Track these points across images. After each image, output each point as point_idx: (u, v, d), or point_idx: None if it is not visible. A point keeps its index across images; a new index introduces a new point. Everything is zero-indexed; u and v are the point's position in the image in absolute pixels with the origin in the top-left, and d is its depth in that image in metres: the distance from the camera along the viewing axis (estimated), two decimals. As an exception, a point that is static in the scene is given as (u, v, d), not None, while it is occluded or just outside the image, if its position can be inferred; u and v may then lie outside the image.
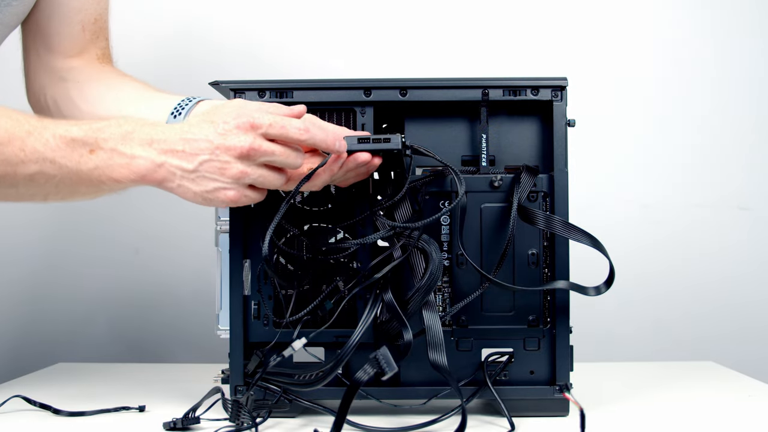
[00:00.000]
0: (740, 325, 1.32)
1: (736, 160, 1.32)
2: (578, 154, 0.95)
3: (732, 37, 1.32)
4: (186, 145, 0.68)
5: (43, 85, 0.93)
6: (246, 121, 0.69)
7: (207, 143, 0.68)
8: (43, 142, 0.67)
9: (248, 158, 0.69)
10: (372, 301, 0.78)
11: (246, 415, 0.77)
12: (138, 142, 0.68)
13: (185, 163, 0.68)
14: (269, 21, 1.33)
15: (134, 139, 0.68)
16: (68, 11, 0.90)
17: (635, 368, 1.10)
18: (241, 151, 0.68)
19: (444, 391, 0.82)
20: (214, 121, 0.70)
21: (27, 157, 0.66)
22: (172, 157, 0.68)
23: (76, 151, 0.67)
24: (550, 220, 0.79)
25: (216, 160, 0.68)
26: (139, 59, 1.02)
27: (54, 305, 1.34)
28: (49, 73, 0.92)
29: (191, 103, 0.85)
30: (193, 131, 0.69)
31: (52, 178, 0.68)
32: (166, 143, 0.68)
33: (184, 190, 0.70)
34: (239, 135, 0.69)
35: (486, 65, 1.30)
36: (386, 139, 0.75)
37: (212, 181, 0.69)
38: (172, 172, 0.68)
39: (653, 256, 1.31)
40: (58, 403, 0.85)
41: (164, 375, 1.06)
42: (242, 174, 0.69)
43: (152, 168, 0.68)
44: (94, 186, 0.69)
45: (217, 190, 0.69)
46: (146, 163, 0.68)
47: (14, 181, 0.68)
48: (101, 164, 0.68)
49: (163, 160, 0.68)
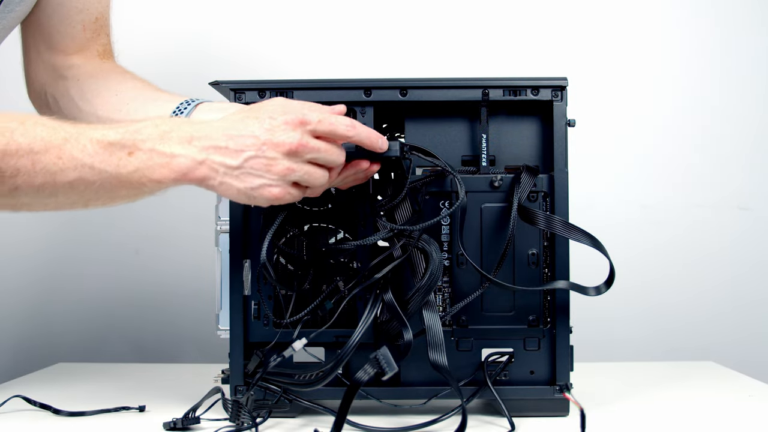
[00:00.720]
0: (740, 325, 1.32)
1: (736, 161, 1.32)
2: (578, 154, 0.95)
3: (732, 37, 1.32)
4: (230, 141, 0.67)
5: (44, 83, 0.93)
6: (295, 118, 0.68)
7: (253, 139, 0.67)
8: (80, 148, 0.66)
9: (296, 155, 0.68)
10: (372, 301, 0.78)
11: (246, 415, 0.77)
12: (177, 140, 0.67)
13: (229, 160, 0.67)
14: (269, 21, 1.33)
15: (173, 138, 0.67)
16: (69, 11, 0.90)
17: (635, 368, 1.10)
18: (289, 147, 0.67)
19: (444, 391, 0.82)
20: (260, 117, 0.68)
21: (65, 164, 0.65)
22: (215, 154, 0.67)
23: (114, 154, 0.66)
24: (550, 220, 0.79)
25: (262, 156, 0.67)
26: (139, 58, 1.02)
27: (54, 305, 1.34)
28: (49, 70, 0.92)
29: (190, 107, 0.84)
30: (237, 127, 0.68)
31: (92, 184, 0.66)
32: (208, 140, 0.67)
33: (226, 188, 0.68)
34: (287, 131, 0.68)
35: (486, 65, 1.30)
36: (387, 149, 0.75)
37: (257, 178, 0.68)
38: (214, 169, 0.67)
39: (653, 256, 1.31)
40: (58, 403, 0.85)
41: (164, 375, 1.06)
42: (289, 171, 0.68)
43: (193, 165, 0.67)
44: (134, 188, 0.68)
45: (261, 187, 0.68)
46: (187, 161, 0.67)
47: (54, 190, 0.66)
48: (141, 166, 0.66)
49: (204, 156, 0.67)
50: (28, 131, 0.65)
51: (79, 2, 0.90)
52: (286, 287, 0.82)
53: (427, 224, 0.77)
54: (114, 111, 0.87)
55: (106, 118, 0.87)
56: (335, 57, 1.32)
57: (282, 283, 0.82)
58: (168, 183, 0.67)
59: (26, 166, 0.64)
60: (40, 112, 0.94)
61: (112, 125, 0.68)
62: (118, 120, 0.86)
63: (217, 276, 0.86)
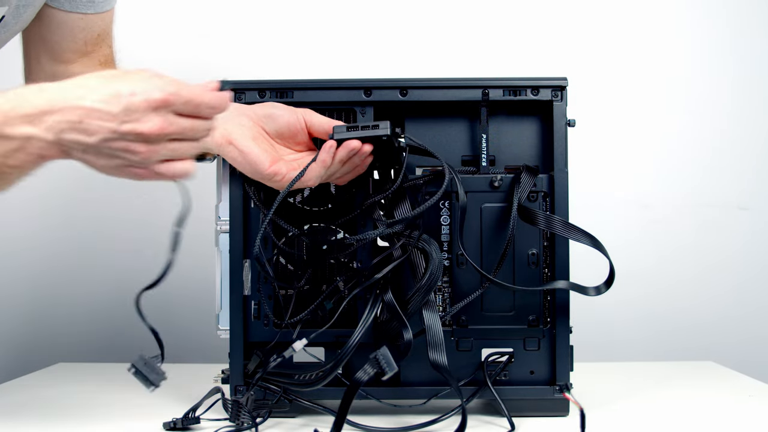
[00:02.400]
0: (740, 325, 1.32)
1: (736, 160, 1.32)
2: (578, 154, 0.94)
3: (731, 37, 1.32)
4: (85, 116, 0.60)
5: None
6: (157, 98, 0.61)
7: (109, 118, 0.60)
8: None
9: (157, 139, 0.62)
10: (372, 301, 0.79)
11: (246, 415, 0.77)
12: (23, 119, 0.60)
13: (84, 138, 0.60)
14: (269, 21, 1.33)
15: (18, 117, 0.60)
16: (72, 29, 0.89)
17: (635, 368, 1.10)
18: (149, 133, 0.61)
19: (444, 391, 0.82)
20: (120, 90, 0.60)
21: None
22: (69, 132, 0.60)
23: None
24: (550, 220, 0.79)
25: (120, 139, 0.61)
26: (139, 59, 1.02)
27: (54, 305, 1.33)
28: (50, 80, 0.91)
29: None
30: (92, 98, 0.60)
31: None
32: (60, 113, 0.60)
33: (89, 164, 0.63)
34: (147, 114, 0.61)
35: (486, 65, 1.30)
36: (375, 126, 0.75)
37: (116, 159, 0.62)
38: (69, 147, 0.61)
39: (653, 256, 1.31)
40: (58, 403, 0.85)
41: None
42: (150, 153, 0.62)
43: (47, 147, 0.60)
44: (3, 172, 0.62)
45: (123, 167, 0.63)
46: (39, 143, 0.60)
47: None
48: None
49: (56, 137, 0.60)
50: None
51: (81, 21, 0.89)
52: (284, 285, 0.82)
53: (419, 210, 0.76)
54: None
55: None
56: (335, 57, 1.32)
57: (280, 281, 0.82)
58: (29, 167, 0.62)
59: None
60: None
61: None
62: None
63: (217, 276, 0.86)
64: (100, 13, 0.90)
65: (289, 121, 0.78)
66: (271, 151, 0.78)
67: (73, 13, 0.87)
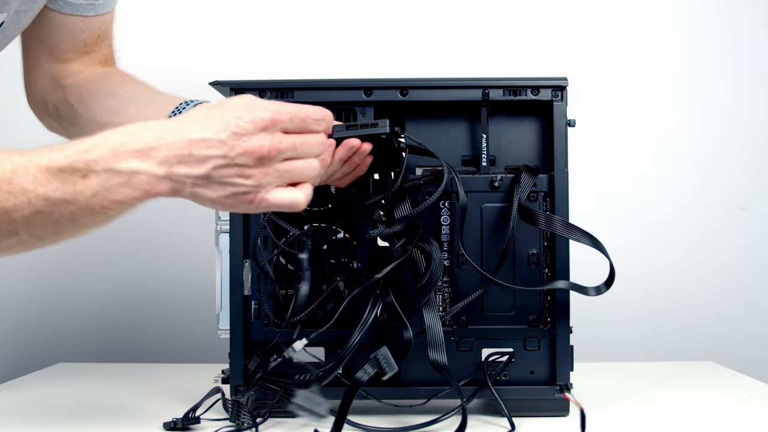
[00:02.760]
0: (740, 325, 1.32)
1: (737, 161, 1.32)
2: (578, 154, 0.94)
3: (732, 37, 1.32)
4: (193, 147, 0.59)
5: (44, 92, 0.92)
6: (263, 117, 0.61)
7: (219, 144, 0.59)
8: (30, 179, 0.58)
9: (269, 159, 0.61)
10: (372, 302, 0.78)
11: (246, 415, 0.77)
12: (133, 154, 0.59)
13: (194, 170, 0.59)
14: (269, 21, 1.32)
15: (128, 152, 0.59)
16: (72, 30, 0.89)
17: (635, 368, 1.10)
18: (260, 153, 0.60)
19: (444, 391, 0.82)
20: (224, 117, 0.60)
21: (17, 199, 0.58)
22: (178, 165, 0.59)
23: (68, 181, 0.59)
24: (551, 220, 0.79)
25: (232, 164, 0.60)
26: (139, 58, 1.02)
27: (54, 305, 1.33)
28: (49, 79, 0.91)
29: (189, 107, 0.83)
30: (199, 129, 0.60)
31: (51, 215, 0.60)
32: (168, 148, 0.59)
33: (199, 198, 0.62)
34: (256, 134, 0.60)
35: (486, 65, 1.30)
36: (374, 124, 0.74)
37: (229, 186, 0.61)
38: (181, 182, 0.60)
39: (653, 256, 1.31)
40: (58, 403, 0.85)
41: (164, 375, 1.06)
42: (264, 175, 0.61)
43: (155, 182, 0.59)
44: (98, 214, 0.61)
45: (236, 195, 0.61)
46: (147, 178, 0.59)
47: (12, 228, 0.60)
48: (99, 189, 0.59)
49: (165, 171, 0.59)
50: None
51: (82, 23, 0.89)
52: (285, 285, 0.82)
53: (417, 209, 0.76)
54: (113, 115, 0.85)
55: (106, 122, 0.85)
56: (335, 57, 1.32)
57: (280, 281, 0.82)
58: (133, 203, 0.61)
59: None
60: (41, 119, 0.94)
61: (62, 145, 0.61)
62: (117, 124, 0.85)
63: (217, 276, 0.86)
64: (100, 15, 0.90)
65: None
66: None
67: (73, 16, 0.87)
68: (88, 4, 0.88)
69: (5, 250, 0.62)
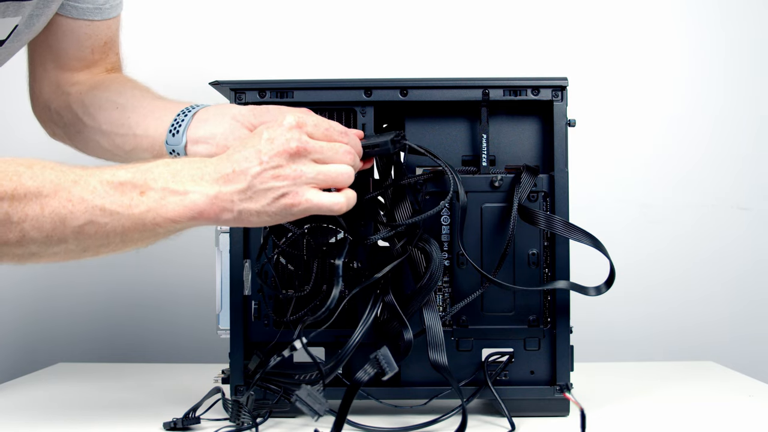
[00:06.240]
0: (740, 325, 1.32)
1: (736, 160, 1.32)
2: (578, 154, 0.94)
3: (731, 37, 1.32)
4: (235, 164, 0.66)
5: (49, 99, 0.92)
6: (291, 121, 0.67)
7: (255, 152, 0.66)
8: (90, 189, 0.63)
9: (300, 156, 0.66)
10: (372, 301, 0.78)
11: (246, 415, 0.77)
12: (189, 177, 0.65)
13: (239, 185, 0.65)
14: (269, 21, 1.32)
15: (185, 176, 0.65)
16: (79, 36, 0.89)
17: (635, 368, 1.10)
18: (289, 150, 0.66)
19: (444, 391, 0.82)
20: (259, 132, 0.68)
21: (75, 207, 0.62)
22: (225, 184, 0.65)
23: (126, 194, 0.64)
24: (551, 220, 0.79)
25: (268, 167, 0.65)
26: (139, 59, 1.02)
27: (54, 305, 1.33)
28: (54, 86, 0.91)
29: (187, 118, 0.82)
30: (239, 148, 0.67)
31: (103, 226, 0.63)
32: (216, 171, 0.66)
33: (247, 215, 0.66)
34: (285, 134, 0.66)
35: (486, 65, 1.30)
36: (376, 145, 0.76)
37: (269, 191, 0.66)
38: (229, 200, 0.65)
39: (653, 255, 1.31)
40: (58, 403, 0.85)
41: (164, 375, 1.06)
42: (298, 173, 0.66)
43: (208, 201, 0.65)
44: (147, 230, 0.65)
45: (276, 199, 0.66)
46: (201, 197, 0.65)
47: (63, 236, 0.63)
48: (154, 205, 0.64)
49: (216, 190, 0.65)
50: (37, 175, 0.62)
51: (88, 29, 0.89)
52: (285, 290, 0.82)
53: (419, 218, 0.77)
54: (116, 126, 0.85)
55: (110, 132, 0.86)
56: (335, 57, 1.32)
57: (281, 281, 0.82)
58: (183, 222, 0.65)
59: (35, 211, 0.62)
60: (44, 127, 0.94)
61: (124, 165, 0.66)
62: (122, 134, 0.85)
63: (217, 276, 0.86)
64: (106, 19, 0.90)
65: None
66: None
67: (79, 20, 0.88)
68: (95, 8, 0.88)
69: (50, 256, 0.65)
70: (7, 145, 1.31)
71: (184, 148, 0.80)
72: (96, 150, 0.89)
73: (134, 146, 0.84)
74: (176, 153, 0.81)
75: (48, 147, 0.97)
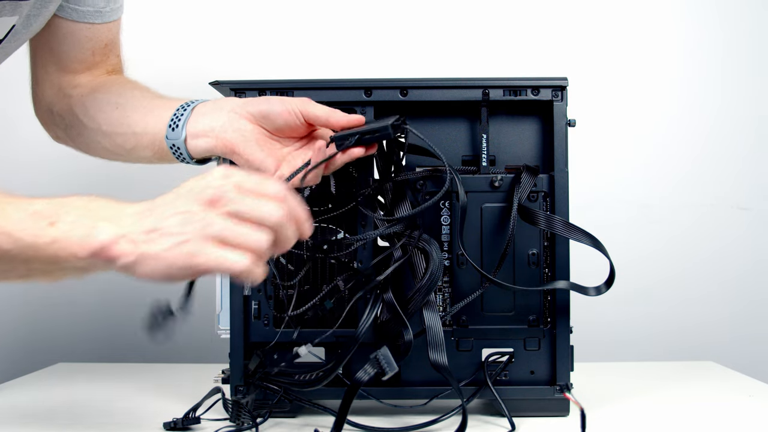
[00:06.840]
0: (740, 325, 1.32)
1: (736, 160, 1.32)
2: (578, 154, 0.94)
3: (730, 37, 1.32)
4: (153, 206, 0.61)
5: (50, 101, 0.92)
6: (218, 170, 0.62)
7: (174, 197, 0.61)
8: (4, 215, 0.61)
9: (214, 206, 0.60)
10: (372, 302, 0.79)
11: (246, 416, 0.77)
12: (104, 216, 0.61)
13: (147, 225, 0.60)
14: (269, 21, 1.32)
15: (99, 213, 0.61)
16: (79, 39, 0.89)
17: (635, 368, 1.10)
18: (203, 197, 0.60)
19: (444, 391, 0.82)
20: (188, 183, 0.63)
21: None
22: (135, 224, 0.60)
23: (37, 223, 0.61)
24: (551, 220, 0.79)
25: (179, 212, 0.60)
26: (139, 59, 1.02)
27: (54, 305, 1.33)
28: (56, 89, 0.91)
29: (186, 113, 0.82)
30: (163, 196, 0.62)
31: (7, 252, 0.61)
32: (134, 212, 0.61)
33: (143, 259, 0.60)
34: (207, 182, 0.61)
35: (486, 65, 1.30)
36: (376, 131, 0.75)
37: (172, 236, 0.59)
38: (132, 240, 0.60)
39: (653, 255, 1.31)
40: (58, 403, 0.85)
41: (164, 375, 1.06)
42: (205, 223, 0.59)
43: (113, 238, 0.59)
44: (49, 263, 0.62)
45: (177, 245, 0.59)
46: (107, 234, 0.60)
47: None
48: (60, 236, 0.60)
49: (126, 230, 0.60)
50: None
51: (89, 32, 0.89)
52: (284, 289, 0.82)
53: (417, 210, 0.77)
54: (116, 126, 0.86)
55: (111, 132, 0.86)
56: (335, 57, 1.32)
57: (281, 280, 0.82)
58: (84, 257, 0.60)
59: None
60: (47, 129, 0.94)
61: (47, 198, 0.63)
62: (122, 134, 0.85)
63: (217, 276, 0.85)
64: (107, 23, 0.90)
65: (286, 119, 0.78)
66: (275, 153, 0.78)
67: (80, 23, 0.88)
68: (95, 11, 0.88)
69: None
70: (9, 145, 1.31)
71: (184, 141, 0.80)
72: (98, 151, 0.89)
73: (135, 144, 0.85)
74: (176, 147, 0.81)
75: (48, 147, 0.97)
